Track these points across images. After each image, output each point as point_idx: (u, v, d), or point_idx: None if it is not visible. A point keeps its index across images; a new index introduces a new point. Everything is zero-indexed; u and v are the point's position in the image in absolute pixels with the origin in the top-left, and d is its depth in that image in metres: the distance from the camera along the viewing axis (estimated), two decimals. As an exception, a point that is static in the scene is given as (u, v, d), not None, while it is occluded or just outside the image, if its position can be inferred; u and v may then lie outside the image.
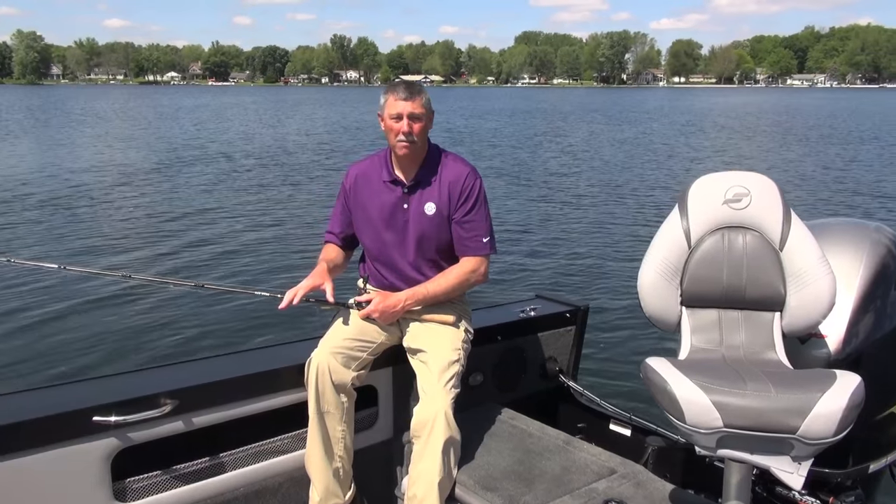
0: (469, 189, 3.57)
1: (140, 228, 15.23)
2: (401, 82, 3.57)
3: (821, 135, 42.01)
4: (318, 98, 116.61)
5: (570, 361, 4.68)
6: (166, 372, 3.52)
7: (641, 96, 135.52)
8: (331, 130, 45.39)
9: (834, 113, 69.31)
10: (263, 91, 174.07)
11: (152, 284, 3.87)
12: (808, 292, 2.91)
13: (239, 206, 18.12)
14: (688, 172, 24.30)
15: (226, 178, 23.41)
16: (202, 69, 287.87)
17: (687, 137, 40.28)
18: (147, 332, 8.88)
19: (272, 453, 3.53)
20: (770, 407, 2.49)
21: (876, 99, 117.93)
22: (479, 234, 3.59)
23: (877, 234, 3.43)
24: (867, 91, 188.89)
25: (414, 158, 3.58)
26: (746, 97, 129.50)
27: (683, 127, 48.91)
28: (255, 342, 8.21)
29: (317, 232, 13.91)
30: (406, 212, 3.59)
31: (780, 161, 28.53)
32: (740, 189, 3.05)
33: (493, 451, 3.68)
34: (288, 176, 23.97)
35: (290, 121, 55.97)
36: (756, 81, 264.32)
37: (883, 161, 28.63)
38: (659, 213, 15.74)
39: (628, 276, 11.10)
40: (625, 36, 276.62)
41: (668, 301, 3.10)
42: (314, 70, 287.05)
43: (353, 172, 3.77)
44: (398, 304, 3.52)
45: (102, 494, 3.00)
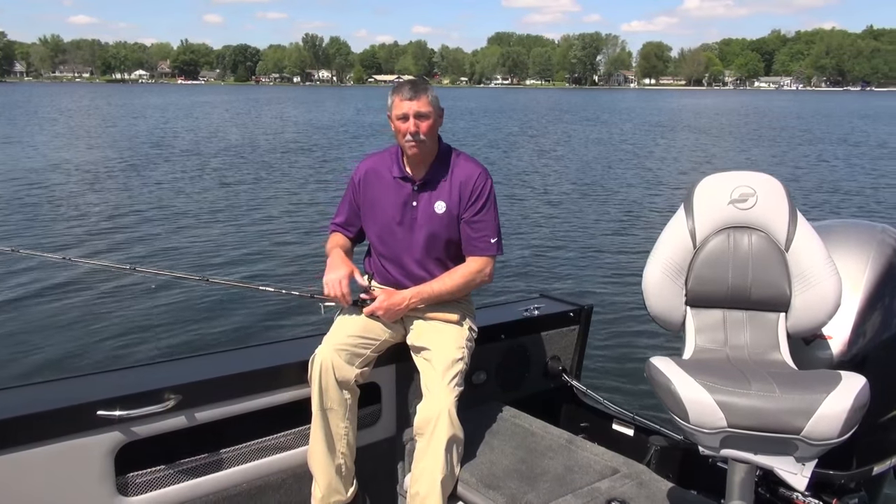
0: (480, 189, 3.58)
1: (144, 223, 15.24)
2: (406, 82, 3.56)
3: (790, 136, 43.27)
4: (297, 98, 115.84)
5: (573, 361, 4.68)
6: (170, 367, 3.53)
7: (616, 97, 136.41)
8: (325, 129, 45.66)
9: (800, 114, 71.23)
10: (235, 90, 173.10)
11: (157, 278, 3.84)
12: (814, 293, 2.90)
13: (243, 202, 18.17)
14: (695, 171, 24.24)
15: (229, 174, 23.46)
16: (171, 68, 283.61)
17: (687, 138, 40.75)
18: (151, 327, 8.90)
19: (275, 449, 3.52)
20: (774, 407, 2.48)
21: (840, 101, 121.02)
22: (488, 235, 3.59)
23: (883, 236, 3.42)
24: (832, 93, 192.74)
25: (424, 157, 3.58)
26: (717, 99, 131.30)
27: (682, 128, 49.57)
28: (259, 338, 8.21)
29: (321, 227, 14.02)
30: (415, 209, 3.59)
31: (772, 161, 28.95)
32: (746, 189, 3.04)
33: (496, 449, 3.67)
34: (289, 172, 24.06)
35: (284, 118, 56.34)
36: (724, 84, 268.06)
37: (850, 162, 29.32)
38: (664, 213, 15.89)
39: (633, 275, 11.13)
40: (596, 38, 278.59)
41: (673, 301, 3.09)
42: (286, 69, 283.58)
43: (363, 167, 3.77)
44: (403, 301, 3.53)
45: (106, 488, 3.01)
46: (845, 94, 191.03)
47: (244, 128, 45.33)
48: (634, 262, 12.12)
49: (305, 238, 14.03)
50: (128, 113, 59.87)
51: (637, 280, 3.26)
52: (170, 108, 71.52)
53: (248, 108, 74.88)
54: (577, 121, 56.31)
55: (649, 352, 6.04)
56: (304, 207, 17.57)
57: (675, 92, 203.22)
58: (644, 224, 15.88)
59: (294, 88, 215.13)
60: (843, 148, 35.43)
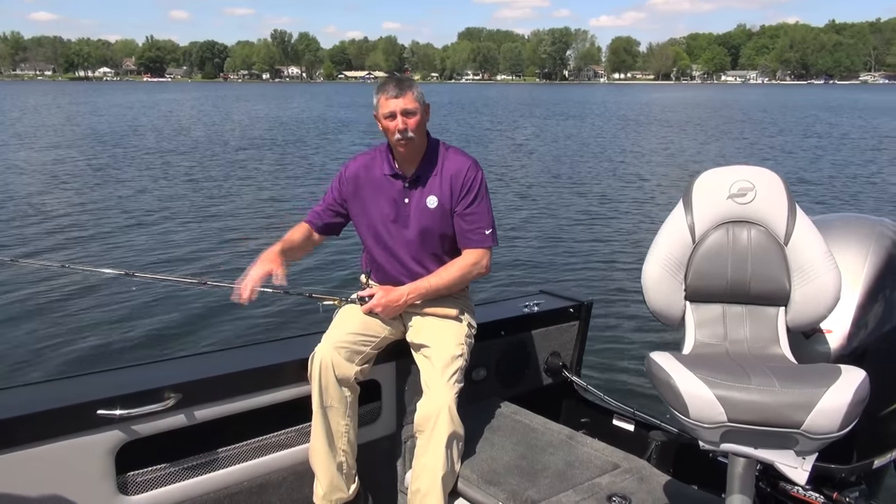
0: (471, 181, 3.57)
1: (140, 225, 15.22)
2: (390, 79, 3.56)
3: (762, 127, 44.64)
4: (270, 94, 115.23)
5: (573, 356, 4.68)
6: (170, 366, 3.53)
7: (589, 92, 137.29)
8: (318, 125, 45.63)
9: (766, 108, 72.69)
10: (203, 87, 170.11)
11: (154, 283, 3.82)
12: (813, 287, 2.90)
13: (238, 202, 18.15)
14: (692, 165, 24.35)
15: (223, 174, 23.41)
16: (137, 65, 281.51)
17: (683, 132, 40.96)
18: (151, 327, 8.91)
19: (276, 447, 3.52)
20: (774, 401, 2.47)
21: (804, 94, 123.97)
22: (482, 227, 3.59)
23: (882, 229, 3.41)
24: (796, 87, 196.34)
25: (414, 154, 3.58)
26: (687, 93, 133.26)
27: (671, 123, 49.87)
28: (259, 337, 8.25)
29: None
30: (407, 206, 3.59)
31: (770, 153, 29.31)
32: (745, 184, 3.04)
33: (497, 445, 3.68)
34: (284, 172, 24.00)
35: (270, 115, 56.17)
36: (692, 78, 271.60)
37: (815, 153, 29.91)
38: (662, 208, 15.80)
39: (632, 271, 11.14)
40: (566, 33, 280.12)
41: (673, 296, 3.08)
42: (254, 66, 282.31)
43: (352, 166, 3.76)
44: (401, 298, 3.52)
45: (107, 487, 3.00)
46: (809, 87, 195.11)
47: (229, 126, 45.16)
48: (634, 258, 12.13)
49: None
50: (115, 112, 59.25)
51: (636, 275, 3.25)
52: (139, 105, 71.11)
53: (227, 104, 74.94)
54: (565, 117, 56.62)
55: (649, 347, 6.02)
56: (300, 207, 17.32)
57: (645, 86, 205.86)
58: (643, 219, 15.89)
59: (264, 85, 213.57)
60: (810, 140, 36.15)
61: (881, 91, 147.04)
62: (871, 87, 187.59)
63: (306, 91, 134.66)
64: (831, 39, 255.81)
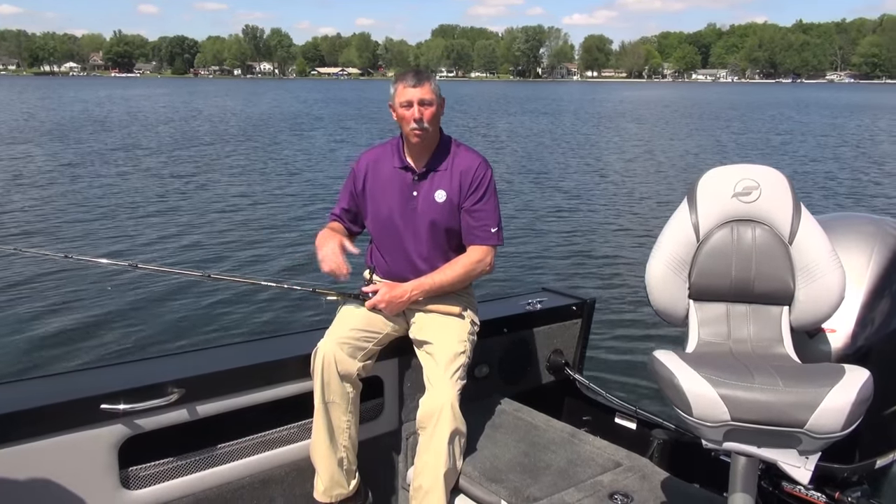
0: (480, 179, 3.58)
1: (147, 218, 15.21)
2: (409, 70, 3.58)
3: (761, 123, 46.28)
4: (246, 90, 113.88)
5: (575, 354, 4.68)
6: (173, 361, 3.53)
7: (564, 90, 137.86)
8: (334, 121, 45.57)
9: (735, 104, 75.12)
10: (174, 82, 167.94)
11: (159, 274, 3.80)
12: (818, 286, 2.89)
13: (244, 196, 18.14)
14: (696, 164, 24.42)
15: (229, 168, 23.43)
16: (104, 60, 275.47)
17: (680, 131, 41.19)
18: (154, 322, 8.92)
19: (278, 443, 3.52)
20: (778, 400, 2.47)
21: (772, 92, 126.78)
22: (488, 224, 3.59)
23: (887, 229, 3.41)
24: (765, 85, 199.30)
25: (426, 146, 3.59)
26: (660, 91, 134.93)
27: (669, 120, 50.58)
28: (262, 332, 8.27)
29: (322, 220, 13.77)
30: (415, 199, 3.59)
31: None
32: (750, 182, 3.03)
33: (499, 443, 3.69)
34: (289, 166, 24.00)
35: (259, 110, 56.19)
36: (664, 76, 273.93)
37: (784, 150, 30.74)
38: (666, 206, 15.83)
39: (635, 268, 11.21)
40: (539, 31, 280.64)
41: (676, 294, 3.08)
42: (226, 62, 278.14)
43: (364, 159, 3.77)
44: (404, 294, 3.52)
45: (110, 481, 3.01)
46: (777, 85, 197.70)
47: (226, 119, 45.54)
48: (637, 256, 12.16)
49: (307, 232, 13.92)
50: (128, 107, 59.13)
51: (640, 273, 3.27)
52: (109, 101, 70.29)
53: (199, 100, 74.27)
54: (555, 114, 57.14)
55: (652, 345, 5.99)
56: (306, 202, 17.54)
57: (618, 84, 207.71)
58: (647, 217, 15.89)
59: (235, 81, 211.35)
60: (779, 137, 37.13)
61: (847, 90, 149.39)
62: (838, 86, 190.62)
63: (279, 87, 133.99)
64: (798, 39, 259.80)
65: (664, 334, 8.02)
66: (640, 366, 7.44)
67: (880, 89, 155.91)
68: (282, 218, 15.52)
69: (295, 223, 15.05)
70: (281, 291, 3.49)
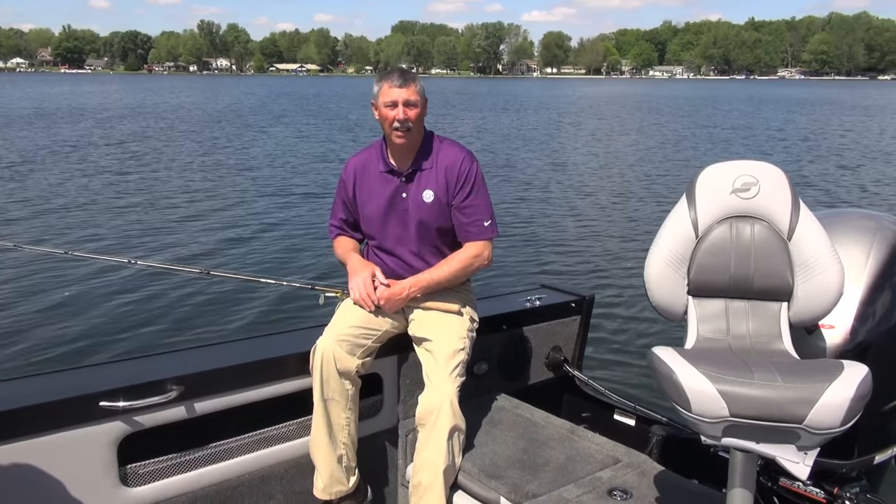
0: (466, 174, 3.56)
1: (145, 214, 15.17)
2: (394, 69, 3.54)
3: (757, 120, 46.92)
4: (202, 86, 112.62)
5: (574, 351, 4.69)
6: (172, 358, 3.52)
7: (526, 86, 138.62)
8: (333, 120, 45.56)
9: (691, 100, 76.84)
10: (126, 79, 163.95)
11: (158, 270, 3.77)
12: (816, 282, 2.89)
13: (245, 192, 18.11)
14: (695, 159, 24.32)
15: (230, 164, 23.30)
16: (53, 55, 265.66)
17: (676, 127, 41.28)
18: (153, 319, 8.91)
19: (277, 440, 3.53)
20: (776, 396, 2.47)
21: (726, 88, 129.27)
22: (480, 219, 3.58)
23: (886, 224, 3.42)
24: (719, 82, 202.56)
25: (410, 146, 3.56)
26: (621, 87, 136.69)
27: (658, 115, 51.49)
28: (261, 329, 8.18)
29: (320, 218, 14.03)
30: (405, 201, 3.58)
31: None
32: (749, 178, 3.03)
33: (498, 439, 3.69)
34: (290, 163, 23.91)
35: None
36: (622, 73, 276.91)
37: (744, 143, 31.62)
38: (665, 202, 15.97)
39: (634, 265, 11.17)
40: (499, 27, 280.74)
41: (675, 290, 3.07)
42: (181, 57, 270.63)
43: (350, 165, 3.75)
44: (402, 291, 3.52)
45: (109, 479, 3.01)
46: (731, 82, 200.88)
47: (225, 116, 45.16)
48: (636, 252, 12.14)
49: (306, 230, 13.97)
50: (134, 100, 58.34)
51: (638, 270, 3.25)
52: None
53: (153, 96, 73.30)
54: (555, 109, 57.90)
55: (651, 341, 6.03)
56: (303, 200, 17.49)
57: (579, 80, 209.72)
58: (645, 214, 15.89)
59: (192, 77, 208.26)
60: (735, 132, 37.70)
61: (797, 86, 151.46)
62: (789, 83, 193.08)
63: (240, 83, 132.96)
64: (751, 36, 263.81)
65: (663, 331, 8.09)
66: (639, 362, 7.46)
67: (829, 85, 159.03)
68: (281, 215, 15.50)
69: (295, 220, 15.02)
70: (280, 288, 3.48)
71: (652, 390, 5.93)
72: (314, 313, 6.78)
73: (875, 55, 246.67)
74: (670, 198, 13.84)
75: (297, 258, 11.75)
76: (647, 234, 9.13)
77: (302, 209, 16.15)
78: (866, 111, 58.73)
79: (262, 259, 11.82)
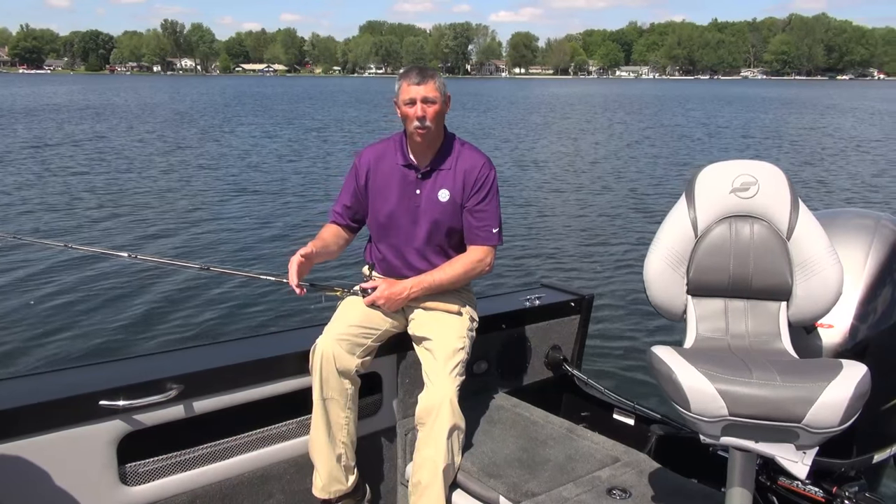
0: (483, 179, 3.57)
1: (145, 210, 15.16)
2: (413, 67, 3.55)
3: None
4: (166, 86, 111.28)
5: (574, 350, 4.68)
6: (172, 357, 3.52)
7: (496, 86, 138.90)
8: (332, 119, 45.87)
9: (672, 99, 79.15)
10: (87, 79, 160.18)
11: (157, 265, 3.76)
12: (815, 282, 2.89)
13: (243, 188, 18.10)
14: (693, 159, 24.56)
15: (230, 161, 23.30)
16: (10, 55, 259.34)
17: (672, 127, 41.57)
18: (152, 316, 8.95)
19: (276, 439, 3.52)
20: (775, 396, 2.47)
21: (691, 88, 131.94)
22: (490, 224, 3.59)
23: (885, 225, 3.41)
24: (684, 82, 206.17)
25: (429, 144, 3.57)
26: (591, 87, 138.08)
27: (647, 115, 51.69)
28: (260, 328, 8.31)
29: (321, 216, 13.82)
30: (418, 197, 3.58)
31: None
32: (748, 178, 3.03)
33: (497, 438, 3.69)
34: (292, 161, 23.87)
35: None
36: (589, 73, 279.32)
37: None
38: (664, 202, 15.98)
39: (634, 264, 11.23)
40: (467, 27, 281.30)
41: (674, 290, 3.07)
42: (144, 57, 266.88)
43: (367, 155, 3.73)
44: (403, 291, 3.52)
45: (109, 477, 3.01)
46: (696, 82, 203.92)
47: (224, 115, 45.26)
48: (635, 252, 12.19)
49: (308, 227, 13.94)
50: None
51: (638, 269, 3.24)
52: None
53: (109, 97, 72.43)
54: (546, 110, 58.05)
55: (650, 341, 6.03)
56: (306, 197, 17.51)
57: (548, 81, 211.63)
58: (644, 213, 15.92)
59: (154, 77, 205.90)
60: (704, 129, 39.02)
61: (760, 86, 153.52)
62: (751, 83, 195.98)
63: (207, 84, 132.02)
64: (715, 37, 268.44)
65: (662, 330, 8.13)
66: (638, 361, 7.47)
67: (790, 85, 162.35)
68: (281, 212, 15.52)
69: (296, 217, 15.06)
70: (279, 287, 3.45)
71: (651, 389, 5.92)
72: (314, 312, 6.84)
73: (834, 55, 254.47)
74: (670, 197, 13.86)
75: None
76: (646, 234, 9.09)
77: (302, 207, 16.20)
78: (833, 109, 60.23)
79: (262, 257, 11.87)
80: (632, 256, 11.99)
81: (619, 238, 13.76)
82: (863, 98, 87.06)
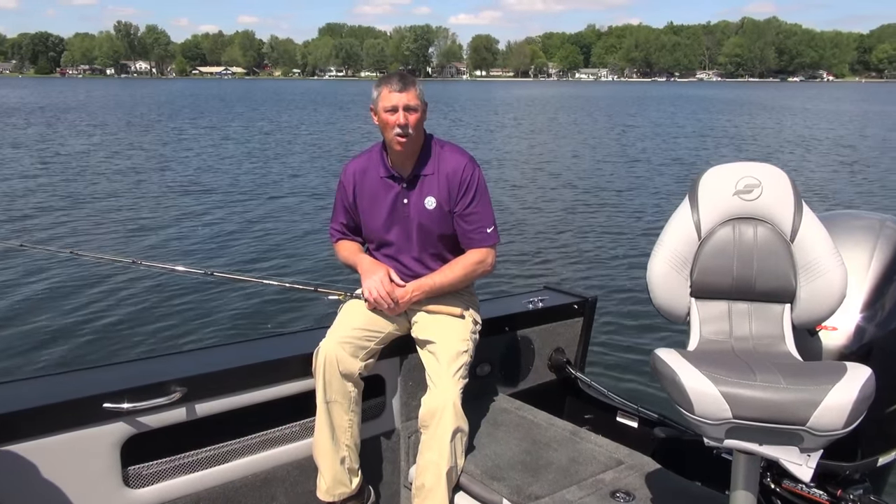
0: (468, 180, 3.53)
1: (149, 216, 15.18)
2: (394, 74, 3.50)
3: None
4: (118, 90, 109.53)
5: (577, 353, 4.68)
6: (176, 360, 3.53)
7: (460, 89, 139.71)
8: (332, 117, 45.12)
9: (623, 99, 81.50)
10: (37, 83, 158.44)
11: (161, 271, 3.73)
12: (819, 284, 2.88)
13: (249, 193, 18.13)
14: (704, 163, 24.62)
15: (236, 165, 23.35)
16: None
17: (672, 128, 41.80)
18: (156, 320, 8.94)
19: (280, 442, 3.52)
20: (779, 398, 2.46)
21: (648, 90, 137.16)
22: (483, 226, 3.57)
23: (889, 226, 3.41)
24: (642, 84, 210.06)
25: (410, 152, 3.53)
26: (554, 89, 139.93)
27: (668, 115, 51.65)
28: (264, 331, 8.26)
29: (324, 220, 13.88)
30: (406, 207, 3.56)
31: None
32: (751, 180, 3.02)
33: (501, 441, 3.69)
34: (293, 164, 23.91)
35: None
36: (549, 75, 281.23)
37: None
38: (668, 204, 15.85)
39: (637, 267, 11.20)
40: (427, 30, 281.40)
41: (678, 292, 3.06)
42: (97, 60, 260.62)
43: (350, 170, 3.71)
44: (405, 295, 3.52)
45: (112, 480, 3.02)
46: (653, 84, 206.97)
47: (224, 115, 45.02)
48: (638, 254, 12.19)
49: (308, 232, 14.02)
50: None
51: (641, 272, 3.24)
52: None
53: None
54: (547, 111, 58.49)
55: (654, 343, 6.03)
56: (307, 203, 17.47)
57: (509, 83, 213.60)
58: (647, 215, 15.90)
59: (107, 81, 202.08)
60: (660, 128, 40.02)
61: (715, 87, 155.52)
62: (707, 84, 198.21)
63: (161, 87, 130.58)
64: (671, 40, 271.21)
65: (666, 332, 8.10)
66: (641, 364, 7.46)
67: (743, 86, 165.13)
68: (285, 217, 15.53)
69: (298, 222, 15.05)
70: (283, 290, 3.45)
71: (655, 392, 5.95)
72: (317, 315, 6.88)
73: (785, 58, 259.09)
74: (673, 199, 13.93)
75: (300, 260, 11.79)
76: (650, 236, 9.00)
77: (305, 211, 16.19)
78: (788, 110, 61.44)
79: (264, 261, 11.85)
80: (635, 258, 12.01)
81: (623, 240, 13.76)
82: (818, 99, 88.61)
